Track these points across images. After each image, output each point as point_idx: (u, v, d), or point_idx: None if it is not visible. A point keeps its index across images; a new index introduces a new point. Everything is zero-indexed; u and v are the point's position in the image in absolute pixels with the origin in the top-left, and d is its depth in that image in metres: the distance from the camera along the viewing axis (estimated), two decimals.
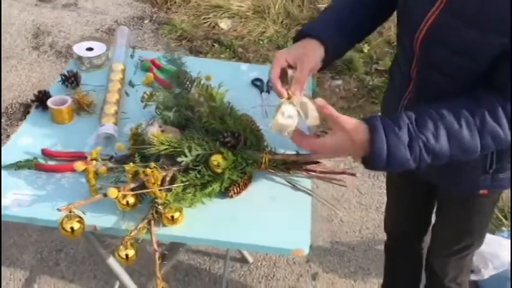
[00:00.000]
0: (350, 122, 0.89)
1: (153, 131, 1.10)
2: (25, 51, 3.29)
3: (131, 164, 1.02)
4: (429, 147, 0.86)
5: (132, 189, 1.01)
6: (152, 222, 1.01)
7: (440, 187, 1.30)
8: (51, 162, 1.16)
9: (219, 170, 1.06)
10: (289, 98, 1.00)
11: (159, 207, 1.01)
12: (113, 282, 1.90)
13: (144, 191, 1.01)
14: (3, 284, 1.93)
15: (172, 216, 1.01)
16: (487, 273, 1.97)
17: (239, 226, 1.05)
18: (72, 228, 0.96)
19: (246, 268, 2.06)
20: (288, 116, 0.98)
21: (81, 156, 1.16)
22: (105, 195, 0.99)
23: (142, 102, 1.22)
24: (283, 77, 1.03)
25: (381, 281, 2.04)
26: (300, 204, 1.12)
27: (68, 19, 3.68)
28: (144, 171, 1.00)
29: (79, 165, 1.05)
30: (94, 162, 1.07)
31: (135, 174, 1.03)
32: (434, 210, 1.44)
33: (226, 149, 1.07)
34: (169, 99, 1.17)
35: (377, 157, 0.86)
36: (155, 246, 0.99)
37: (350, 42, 1.12)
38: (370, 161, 0.88)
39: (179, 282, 1.97)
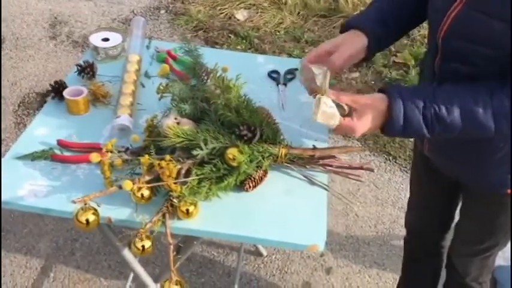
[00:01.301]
0: (368, 96, 0.98)
1: (169, 123, 1.09)
2: (42, 41, 3.31)
3: (146, 156, 1.02)
4: (440, 116, 0.91)
5: (147, 182, 1.01)
6: (167, 215, 1.01)
7: (465, 184, 1.26)
8: (66, 153, 1.16)
9: (234, 164, 1.04)
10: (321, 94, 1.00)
11: (174, 200, 1.00)
12: (127, 272, 1.91)
13: (159, 183, 1.00)
14: (19, 272, 1.95)
15: (187, 210, 1.00)
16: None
17: (254, 221, 1.04)
18: (87, 220, 0.95)
19: (260, 261, 2.05)
20: (330, 106, 0.98)
21: (97, 148, 1.16)
22: (120, 187, 0.98)
23: (157, 93, 1.21)
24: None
25: (396, 276, 2.02)
26: (316, 199, 1.10)
27: (85, 9, 3.68)
28: (159, 164, 0.99)
29: (94, 157, 1.05)
30: (109, 154, 1.06)
31: (151, 167, 1.02)
32: (458, 207, 1.41)
33: (242, 143, 1.06)
34: (185, 91, 1.16)
35: (395, 120, 0.93)
36: (170, 240, 0.98)
37: (395, 31, 1.14)
38: (388, 125, 0.95)
39: (193, 273, 1.97)
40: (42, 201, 1.05)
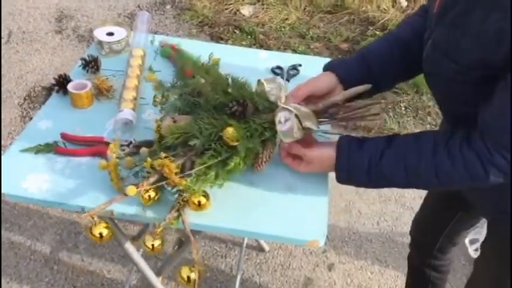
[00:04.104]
0: (317, 151, 1.05)
1: (166, 124, 1.09)
2: (48, 35, 3.32)
3: (148, 159, 1.01)
4: (384, 175, 0.98)
5: (152, 183, 0.99)
6: (182, 211, 1.00)
7: (490, 221, 1.16)
8: (70, 147, 1.17)
9: (235, 143, 1.02)
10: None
11: (185, 194, 1.00)
12: (130, 266, 1.93)
13: (163, 182, 0.99)
14: (23, 264, 1.97)
15: (199, 202, 1.00)
16: None
17: (254, 215, 1.04)
18: (100, 234, 0.96)
19: (262, 256, 2.06)
20: (285, 119, 1.02)
21: (100, 141, 1.17)
22: (126, 195, 0.97)
23: (155, 106, 1.20)
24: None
25: (398, 273, 2.03)
26: (318, 195, 1.10)
27: (91, 3, 3.69)
28: (158, 163, 0.98)
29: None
30: (115, 159, 1.03)
31: (153, 168, 1.00)
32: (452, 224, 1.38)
33: (236, 119, 1.04)
34: (175, 91, 1.15)
35: (340, 177, 1.02)
36: (190, 234, 0.98)
37: (382, 73, 1.13)
38: (336, 178, 1.03)
39: None
40: (46, 194, 1.06)
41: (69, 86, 1.27)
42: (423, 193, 1.49)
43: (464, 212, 1.32)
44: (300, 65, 1.49)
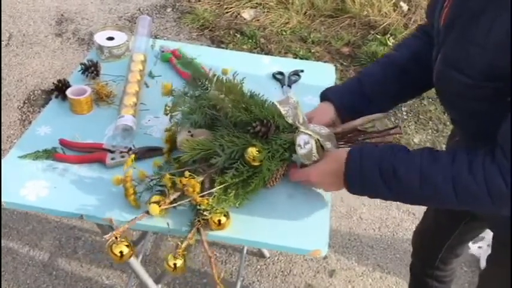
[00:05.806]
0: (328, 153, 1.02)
1: (183, 138, 1.07)
2: (48, 38, 3.31)
3: (167, 175, 0.99)
4: (397, 174, 0.89)
5: (173, 201, 0.99)
6: (201, 229, 0.99)
7: (496, 232, 1.13)
8: (68, 153, 1.15)
9: (256, 163, 1.00)
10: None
11: (205, 213, 0.98)
12: (129, 272, 1.91)
13: (184, 201, 0.98)
14: (21, 269, 1.95)
15: (219, 221, 0.98)
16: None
17: (257, 225, 1.03)
18: (121, 252, 0.95)
19: (262, 263, 2.04)
20: (304, 143, 1.02)
21: (99, 147, 1.16)
22: (147, 213, 0.97)
23: (166, 115, 1.17)
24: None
25: (399, 280, 2.01)
26: (319, 203, 1.09)
27: (91, 6, 3.69)
28: (180, 181, 0.97)
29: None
30: (130, 175, 1.02)
31: (173, 185, 1.00)
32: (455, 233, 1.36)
33: (259, 139, 1.02)
34: (191, 102, 1.13)
35: (351, 173, 0.94)
36: (209, 252, 0.97)
37: (381, 99, 1.13)
38: (346, 178, 0.95)
39: (195, 274, 1.96)
40: (44, 200, 1.05)
41: (69, 92, 1.26)
42: None
43: (466, 224, 1.30)
44: (302, 71, 1.48)
